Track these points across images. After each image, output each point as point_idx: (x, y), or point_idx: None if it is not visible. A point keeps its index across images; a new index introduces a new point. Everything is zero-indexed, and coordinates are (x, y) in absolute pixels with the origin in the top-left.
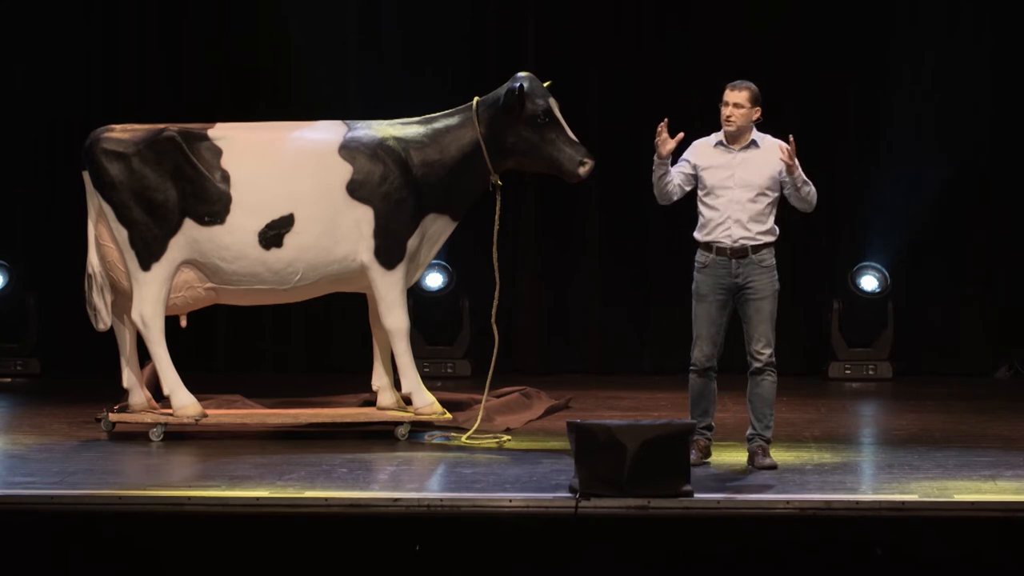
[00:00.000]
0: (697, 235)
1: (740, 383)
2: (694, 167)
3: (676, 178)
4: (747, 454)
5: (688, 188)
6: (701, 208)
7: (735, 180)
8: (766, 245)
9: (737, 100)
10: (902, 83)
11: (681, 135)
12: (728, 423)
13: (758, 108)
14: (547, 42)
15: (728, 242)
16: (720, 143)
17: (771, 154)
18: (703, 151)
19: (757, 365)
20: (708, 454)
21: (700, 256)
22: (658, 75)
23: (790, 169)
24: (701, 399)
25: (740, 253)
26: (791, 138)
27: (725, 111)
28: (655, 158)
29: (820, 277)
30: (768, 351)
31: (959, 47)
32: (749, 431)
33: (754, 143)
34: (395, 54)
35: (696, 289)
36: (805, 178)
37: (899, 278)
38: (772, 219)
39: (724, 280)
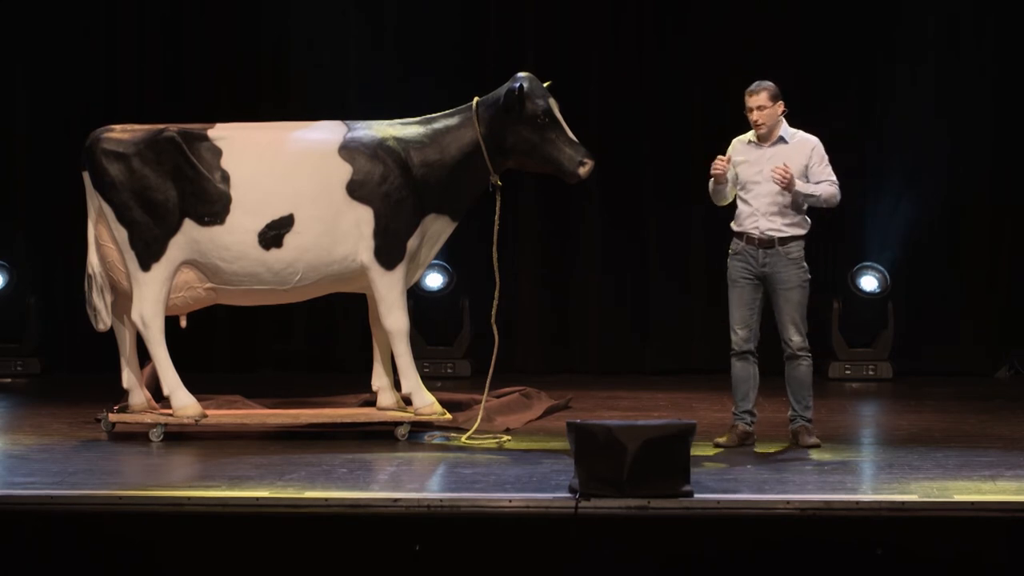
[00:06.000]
0: (732, 225)
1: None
2: (733, 164)
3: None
4: (790, 435)
5: (736, 187)
6: (738, 201)
7: (763, 175)
8: (794, 238)
9: (759, 103)
10: (903, 84)
11: (735, 142)
12: (728, 422)
13: (780, 102)
14: (547, 42)
15: (757, 233)
16: (752, 141)
17: (799, 149)
18: (739, 148)
19: (789, 352)
20: (748, 440)
21: (733, 244)
22: (658, 75)
23: (787, 190)
24: (741, 383)
25: (767, 244)
26: (783, 164)
27: (751, 116)
28: (711, 184)
29: (820, 277)
30: (797, 338)
31: (960, 48)
32: (790, 413)
33: (782, 139)
34: (395, 54)
35: (729, 275)
36: (808, 192)
37: (899, 278)
38: (801, 211)
39: (752, 267)
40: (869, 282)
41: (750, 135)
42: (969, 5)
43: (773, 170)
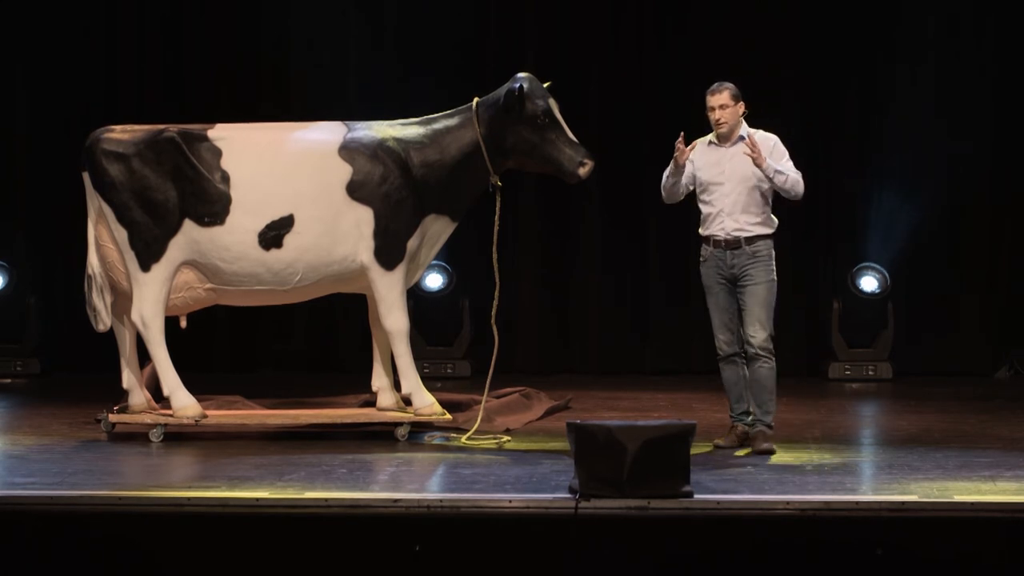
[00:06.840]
0: (700, 231)
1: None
2: (694, 166)
3: (683, 179)
4: (749, 437)
5: (692, 188)
6: (700, 205)
7: (725, 175)
8: (760, 237)
9: (721, 102)
10: (902, 84)
11: (696, 143)
12: (726, 422)
13: (741, 102)
14: (547, 42)
15: (722, 235)
16: (712, 142)
17: (759, 146)
18: (699, 150)
19: (752, 351)
20: (748, 440)
21: (702, 250)
22: (658, 75)
23: (756, 163)
24: (733, 386)
25: (734, 244)
26: (747, 137)
27: (713, 116)
28: (672, 166)
29: (820, 277)
30: (761, 335)
31: (960, 48)
32: (751, 417)
33: (742, 138)
34: (395, 54)
35: (703, 282)
36: (777, 168)
37: (899, 278)
38: (766, 211)
39: (723, 270)
40: (869, 282)
41: (709, 137)
42: (969, 5)
43: (746, 142)
